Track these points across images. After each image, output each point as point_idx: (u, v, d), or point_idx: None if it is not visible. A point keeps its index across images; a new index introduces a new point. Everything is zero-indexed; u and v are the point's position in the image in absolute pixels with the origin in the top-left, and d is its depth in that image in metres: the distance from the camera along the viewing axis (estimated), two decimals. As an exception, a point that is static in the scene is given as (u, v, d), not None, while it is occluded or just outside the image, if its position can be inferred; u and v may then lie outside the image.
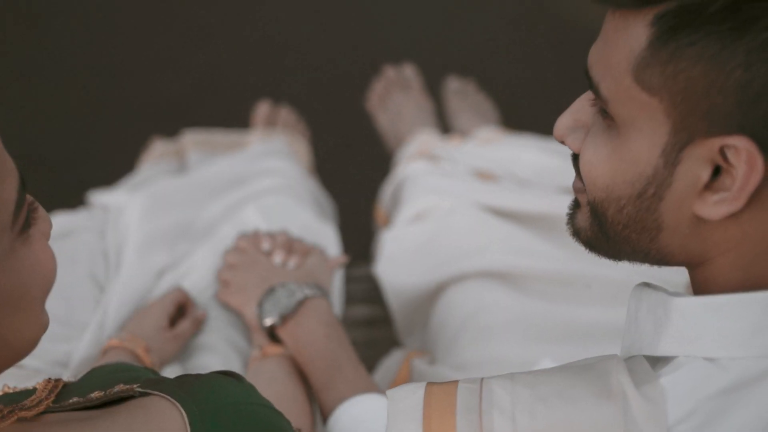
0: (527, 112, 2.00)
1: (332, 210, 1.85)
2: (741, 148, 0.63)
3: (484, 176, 1.56)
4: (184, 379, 0.74)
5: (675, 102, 0.65)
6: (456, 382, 0.73)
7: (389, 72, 2.19)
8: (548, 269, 1.27)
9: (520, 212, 1.41)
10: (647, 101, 0.67)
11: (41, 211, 0.67)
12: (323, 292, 1.21)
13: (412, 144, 1.87)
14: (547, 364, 1.15)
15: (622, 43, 0.68)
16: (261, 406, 0.75)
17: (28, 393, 0.77)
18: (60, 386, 0.77)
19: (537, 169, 1.60)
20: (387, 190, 1.72)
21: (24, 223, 0.64)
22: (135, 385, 0.72)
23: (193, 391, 0.71)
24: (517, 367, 1.17)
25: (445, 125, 2.18)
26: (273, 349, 1.17)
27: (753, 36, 0.61)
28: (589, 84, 0.73)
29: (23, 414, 0.68)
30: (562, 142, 0.78)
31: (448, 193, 1.49)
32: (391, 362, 1.33)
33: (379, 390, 1.08)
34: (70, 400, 0.74)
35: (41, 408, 0.70)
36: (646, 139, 0.68)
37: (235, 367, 1.21)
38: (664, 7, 0.64)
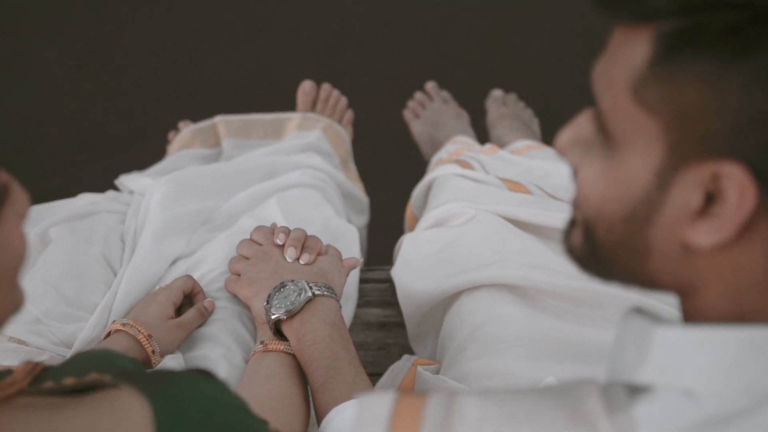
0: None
1: (366, 206, 1.84)
2: (734, 176, 0.60)
3: (515, 186, 1.54)
4: (157, 375, 0.74)
5: (671, 122, 0.63)
6: (427, 394, 0.72)
7: (429, 85, 2.21)
8: (563, 286, 1.24)
9: (542, 226, 1.39)
10: (644, 119, 0.64)
11: (17, 191, 0.66)
12: (333, 293, 1.20)
13: (447, 148, 1.86)
14: (550, 382, 1.13)
15: (624, 58, 0.66)
16: (232, 407, 0.74)
17: (8, 374, 0.77)
18: (38, 369, 0.77)
19: (569, 182, 1.58)
20: (417, 192, 1.71)
21: None
22: (107, 375, 0.72)
23: (163, 388, 0.71)
24: (520, 382, 1.16)
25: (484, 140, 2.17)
26: (275, 345, 1.16)
27: (754, 61, 0.59)
28: (592, 98, 0.71)
29: None
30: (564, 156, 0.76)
31: (473, 199, 1.47)
32: (398, 368, 1.31)
33: None
34: (44, 385, 0.73)
35: (12, 390, 0.69)
36: (640, 159, 0.66)
37: (236, 360, 1.21)
38: (667, 25, 0.62)
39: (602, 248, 0.71)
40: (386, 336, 1.50)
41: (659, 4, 0.62)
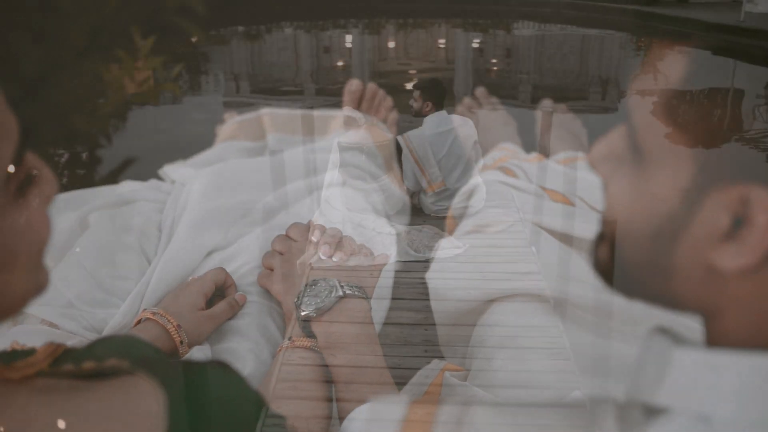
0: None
1: (407, 206, 1.83)
2: (762, 200, 0.59)
3: (557, 197, 1.53)
4: (176, 365, 0.74)
5: (702, 142, 0.62)
6: (440, 402, 0.71)
7: (478, 90, 2.20)
8: (596, 300, 1.23)
9: (579, 238, 1.37)
10: (676, 139, 0.63)
11: (46, 173, 0.66)
12: (364, 294, 1.20)
13: (492, 154, 1.85)
14: (576, 396, 1.12)
15: (659, 76, 0.65)
16: (247, 401, 0.74)
17: (30, 353, 0.77)
18: (59, 351, 0.77)
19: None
20: (459, 196, 1.70)
21: (20, 185, 0.63)
22: (125, 362, 0.72)
23: (180, 378, 0.71)
24: (547, 395, 1.14)
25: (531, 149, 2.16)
26: (302, 342, 1.16)
27: None
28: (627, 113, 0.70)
29: (9, 374, 0.68)
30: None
31: (513, 208, 1.46)
32: (426, 372, 1.31)
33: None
34: (64, 367, 0.74)
35: (31, 371, 0.70)
36: (669, 178, 0.64)
37: (263, 355, 1.21)
38: (701, 43, 0.61)
39: (627, 265, 0.70)
40: (416, 339, 1.49)
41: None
